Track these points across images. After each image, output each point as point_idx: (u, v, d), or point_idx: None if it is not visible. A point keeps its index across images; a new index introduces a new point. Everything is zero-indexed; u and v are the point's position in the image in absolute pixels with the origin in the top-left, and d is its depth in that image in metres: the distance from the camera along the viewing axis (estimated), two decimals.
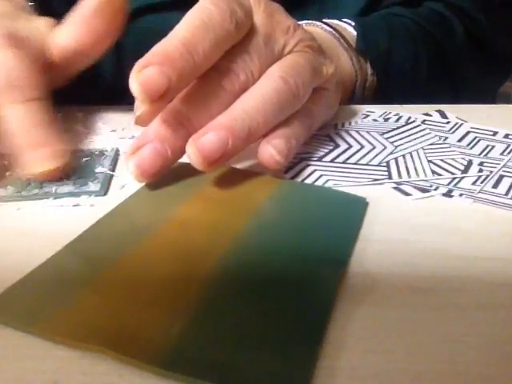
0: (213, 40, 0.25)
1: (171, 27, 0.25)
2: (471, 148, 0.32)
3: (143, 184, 0.26)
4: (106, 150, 0.31)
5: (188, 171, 0.26)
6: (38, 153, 0.27)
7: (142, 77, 0.23)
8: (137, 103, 0.25)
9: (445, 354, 0.17)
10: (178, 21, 0.25)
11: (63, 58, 0.32)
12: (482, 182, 0.28)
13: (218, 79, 0.26)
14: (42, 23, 0.32)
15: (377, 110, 0.38)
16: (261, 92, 0.26)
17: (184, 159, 0.26)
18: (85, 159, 0.30)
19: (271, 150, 0.26)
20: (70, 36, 0.31)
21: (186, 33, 0.24)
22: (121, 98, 0.33)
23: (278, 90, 0.26)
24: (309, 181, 0.28)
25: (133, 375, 0.16)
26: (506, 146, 0.32)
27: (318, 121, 0.31)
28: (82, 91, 0.35)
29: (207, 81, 0.26)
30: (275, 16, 0.29)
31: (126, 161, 0.25)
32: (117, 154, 0.31)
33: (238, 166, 0.29)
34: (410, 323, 0.18)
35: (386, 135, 0.33)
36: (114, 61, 0.43)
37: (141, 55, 0.24)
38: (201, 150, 0.24)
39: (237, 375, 0.15)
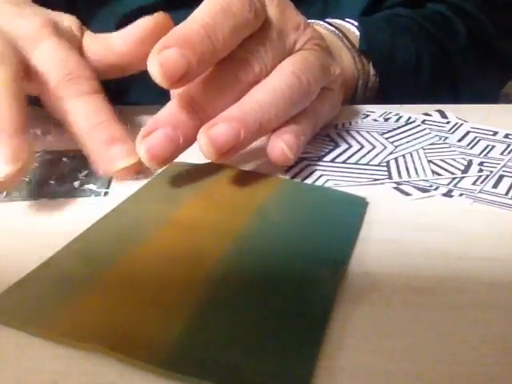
0: (232, 27, 0.24)
1: None
2: (471, 148, 0.32)
3: (143, 184, 0.26)
4: None
5: (188, 171, 0.26)
6: (116, 149, 0.26)
7: (161, 58, 0.23)
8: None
9: (445, 354, 0.17)
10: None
11: (115, 63, 0.31)
12: (481, 182, 0.28)
13: (234, 69, 0.26)
14: (68, 20, 0.32)
15: (377, 110, 0.38)
16: (274, 86, 0.26)
17: (189, 153, 0.26)
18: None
19: (282, 145, 0.26)
20: (124, 45, 0.30)
21: (206, 17, 0.24)
22: (121, 98, 0.33)
23: (291, 85, 0.26)
24: (309, 181, 0.28)
25: (133, 375, 0.16)
26: (506, 146, 0.32)
27: (322, 120, 0.31)
28: None
29: (222, 70, 0.26)
30: (287, 12, 0.29)
31: (137, 145, 0.25)
32: None
33: (240, 164, 0.29)
34: (410, 323, 0.18)
35: (386, 135, 0.33)
36: None
37: None
38: (213, 140, 0.24)
39: (237, 375, 0.15)
